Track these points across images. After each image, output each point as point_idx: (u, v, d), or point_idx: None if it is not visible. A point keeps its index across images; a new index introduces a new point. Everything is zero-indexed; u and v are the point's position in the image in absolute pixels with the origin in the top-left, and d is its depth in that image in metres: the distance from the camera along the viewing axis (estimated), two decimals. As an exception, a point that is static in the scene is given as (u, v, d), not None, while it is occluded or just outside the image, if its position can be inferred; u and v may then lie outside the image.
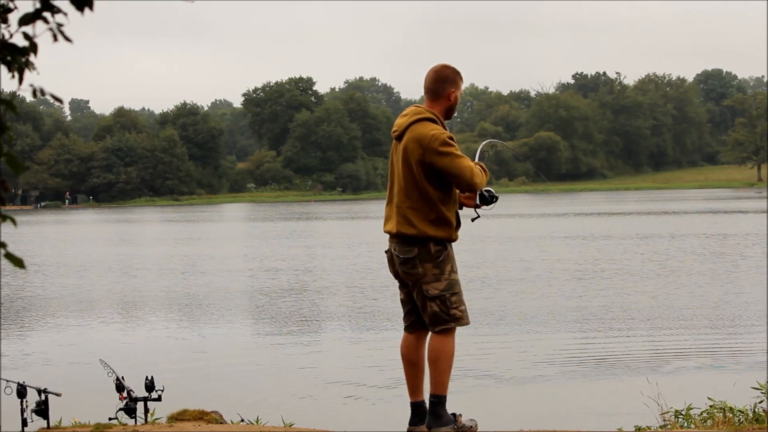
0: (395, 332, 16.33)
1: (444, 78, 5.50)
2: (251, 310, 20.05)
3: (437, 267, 5.32)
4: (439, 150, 5.28)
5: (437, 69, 5.53)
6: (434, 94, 5.50)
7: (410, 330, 5.51)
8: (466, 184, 5.37)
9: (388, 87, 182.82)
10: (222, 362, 14.39)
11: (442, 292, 5.31)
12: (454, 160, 5.29)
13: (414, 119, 5.40)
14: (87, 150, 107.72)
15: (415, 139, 5.33)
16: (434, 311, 5.31)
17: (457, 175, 5.31)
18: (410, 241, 5.35)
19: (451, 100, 5.51)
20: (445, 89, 5.49)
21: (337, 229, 49.37)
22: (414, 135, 5.35)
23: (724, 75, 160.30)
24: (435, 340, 5.35)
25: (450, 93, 5.50)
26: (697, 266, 25.34)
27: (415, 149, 5.31)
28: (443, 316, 5.31)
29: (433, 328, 5.34)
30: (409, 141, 5.35)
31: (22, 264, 2.36)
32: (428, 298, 5.31)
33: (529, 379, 12.64)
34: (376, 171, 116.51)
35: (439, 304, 5.31)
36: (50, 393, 6.88)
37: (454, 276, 5.39)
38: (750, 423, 6.31)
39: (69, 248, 39.39)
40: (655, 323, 16.64)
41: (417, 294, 5.38)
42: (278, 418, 8.47)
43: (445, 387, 5.38)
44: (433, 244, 5.33)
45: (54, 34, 2.43)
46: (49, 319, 19.41)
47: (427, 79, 5.53)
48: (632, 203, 72.41)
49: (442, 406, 5.38)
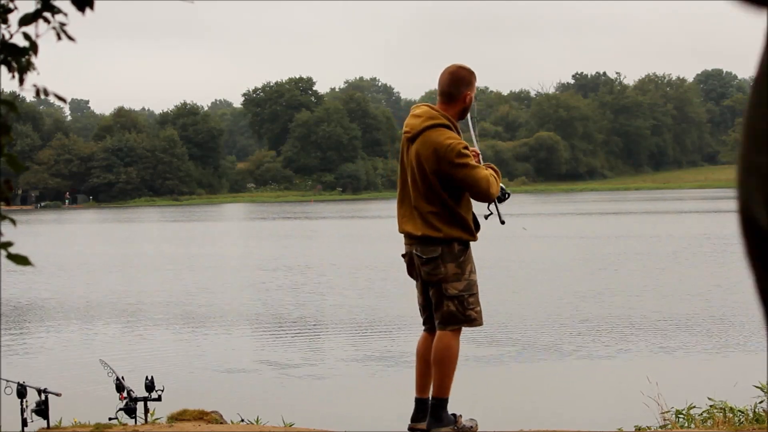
0: (395, 332, 16.35)
1: (460, 80, 5.40)
2: (251, 310, 20.04)
3: (459, 267, 5.31)
4: (456, 162, 5.24)
5: (452, 70, 5.42)
6: (449, 96, 5.41)
7: (430, 331, 5.50)
8: (482, 195, 5.37)
9: (388, 87, 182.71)
10: (222, 362, 14.39)
11: (461, 293, 5.31)
12: (471, 172, 5.26)
13: (429, 124, 5.31)
14: (87, 150, 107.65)
15: (431, 148, 5.26)
16: (450, 310, 5.30)
17: (474, 186, 5.30)
18: (434, 242, 5.32)
19: (466, 102, 5.44)
20: (461, 92, 5.40)
21: (337, 228, 49.37)
22: (429, 143, 5.28)
23: (724, 75, 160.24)
24: (442, 340, 5.34)
25: (465, 95, 5.41)
26: (697, 266, 25.34)
27: (431, 159, 5.26)
28: (458, 316, 5.31)
29: (445, 326, 5.32)
30: (423, 148, 5.29)
31: (27, 261, 2.36)
32: (446, 297, 5.30)
33: (528, 379, 12.64)
34: (376, 171, 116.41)
35: (456, 304, 5.30)
36: (50, 393, 6.88)
37: (473, 277, 5.38)
38: (750, 423, 6.32)
39: (69, 248, 39.39)
40: (655, 323, 16.63)
41: (434, 293, 5.36)
42: (278, 418, 8.46)
43: (448, 390, 5.38)
44: (456, 243, 5.32)
45: (57, 33, 2.43)
46: (50, 319, 19.40)
47: (441, 81, 5.42)
48: (632, 203, 72.40)
49: (443, 408, 5.38)
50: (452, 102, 5.42)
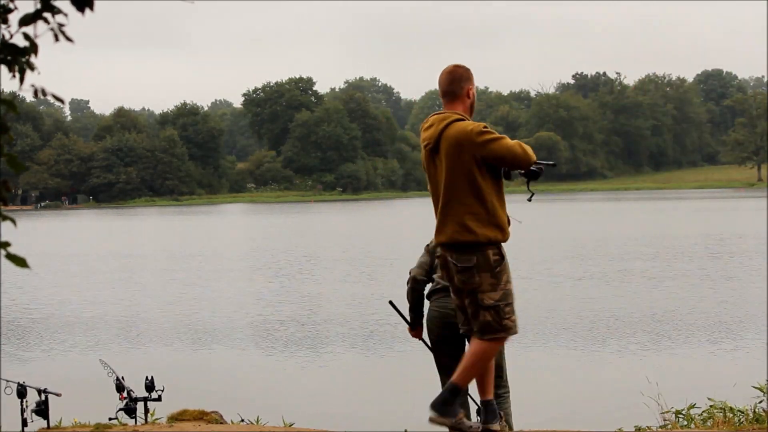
0: (396, 332, 16.33)
1: (458, 77, 5.45)
2: (252, 309, 20.03)
3: (494, 277, 5.27)
4: (482, 139, 5.21)
5: (450, 70, 5.49)
6: (452, 95, 5.44)
7: (470, 333, 5.48)
8: (521, 160, 5.29)
9: (388, 87, 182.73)
10: (222, 362, 14.39)
11: (497, 302, 5.27)
12: (500, 143, 5.23)
13: (444, 125, 5.32)
14: (87, 150, 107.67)
15: (455, 140, 5.25)
16: (487, 321, 5.27)
17: (509, 155, 5.25)
18: (468, 248, 5.28)
19: (469, 96, 5.45)
20: (463, 87, 5.44)
21: (338, 229, 49.37)
22: (452, 136, 5.27)
23: (724, 75, 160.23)
24: (477, 346, 5.33)
25: (468, 90, 5.45)
26: (697, 266, 25.34)
27: (458, 148, 5.23)
28: (495, 326, 5.28)
29: (482, 336, 5.31)
30: (449, 146, 5.27)
31: (25, 263, 2.35)
32: (482, 308, 5.27)
33: (528, 379, 12.63)
34: (376, 171, 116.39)
35: (492, 314, 5.26)
36: (50, 393, 6.88)
37: (509, 286, 5.35)
38: (750, 423, 6.31)
39: (69, 248, 39.38)
40: (655, 323, 16.63)
41: (470, 302, 5.34)
42: (278, 418, 8.46)
43: (467, 382, 5.40)
44: (491, 252, 5.27)
45: (55, 34, 2.43)
46: (50, 319, 19.40)
47: (441, 82, 5.47)
48: (632, 203, 72.40)
49: (456, 395, 5.37)
50: (456, 99, 5.45)
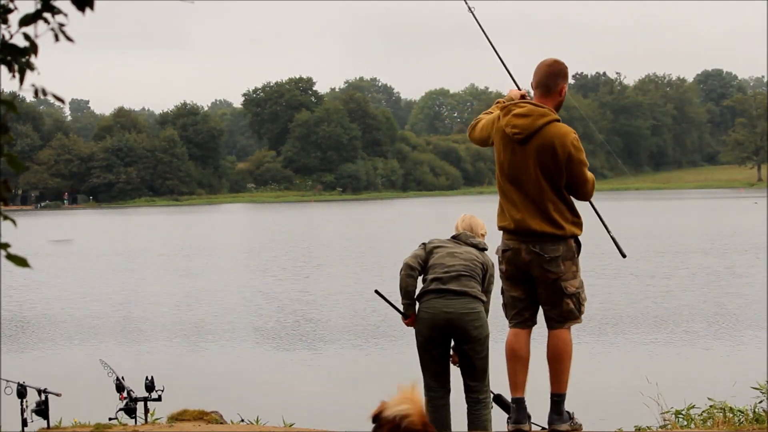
0: (396, 332, 16.32)
1: (557, 72, 5.41)
2: (251, 310, 20.03)
3: (575, 265, 5.46)
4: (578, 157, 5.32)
5: (550, 63, 5.44)
6: (546, 88, 5.40)
7: (522, 326, 5.59)
8: (583, 195, 5.46)
9: (388, 87, 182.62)
10: (222, 362, 14.38)
11: (578, 290, 5.46)
12: (584, 169, 5.38)
13: (545, 121, 5.29)
14: (87, 150, 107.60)
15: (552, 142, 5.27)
16: (570, 308, 5.43)
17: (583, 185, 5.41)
18: (556, 239, 5.36)
19: (561, 95, 5.44)
20: (558, 84, 5.41)
21: (338, 229, 49.36)
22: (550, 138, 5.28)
23: (724, 75, 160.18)
24: (559, 337, 5.44)
25: (561, 88, 5.43)
26: (697, 266, 25.33)
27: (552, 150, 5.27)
28: (575, 313, 5.47)
29: (563, 324, 5.44)
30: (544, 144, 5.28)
31: (26, 263, 2.35)
32: (566, 295, 5.41)
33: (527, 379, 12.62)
34: (376, 171, 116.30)
35: (574, 301, 5.44)
36: (50, 393, 6.88)
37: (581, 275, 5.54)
38: (750, 423, 6.31)
39: (69, 248, 39.38)
40: (655, 323, 16.63)
41: (550, 291, 5.40)
42: (278, 418, 8.46)
43: (567, 385, 5.48)
44: (573, 242, 5.42)
45: (55, 34, 2.43)
46: (50, 319, 19.39)
47: (538, 73, 5.43)
48: (632, 202, 72.37)
49: (563, 403, 5.48)
50: (550, 94, 5.42)
